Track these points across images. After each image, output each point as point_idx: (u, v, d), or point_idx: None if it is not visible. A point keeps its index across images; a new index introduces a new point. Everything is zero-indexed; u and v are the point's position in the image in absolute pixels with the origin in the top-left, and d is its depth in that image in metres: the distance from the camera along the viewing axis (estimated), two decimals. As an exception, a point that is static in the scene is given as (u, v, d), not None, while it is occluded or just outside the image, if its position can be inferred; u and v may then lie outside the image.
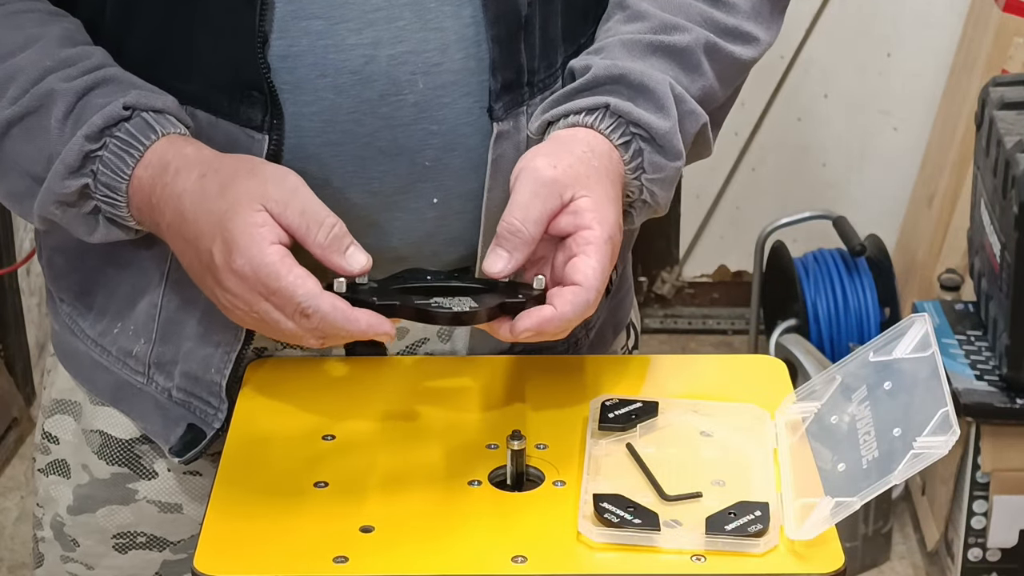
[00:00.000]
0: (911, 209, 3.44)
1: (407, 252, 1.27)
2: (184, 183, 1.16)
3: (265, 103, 1.20)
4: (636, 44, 1.27)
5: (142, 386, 1.32)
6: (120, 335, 1.32)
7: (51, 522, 1.40)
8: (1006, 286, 2.55)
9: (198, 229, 1.15)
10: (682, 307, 3.70)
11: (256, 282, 1.12)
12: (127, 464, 1.36)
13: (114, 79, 1.20)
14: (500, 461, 1.18)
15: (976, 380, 2.62)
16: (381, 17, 1.20)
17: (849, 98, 3.48)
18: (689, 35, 1.28)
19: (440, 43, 1.22)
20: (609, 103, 1.23)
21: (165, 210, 1.17)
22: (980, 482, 2.65)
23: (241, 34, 1.19)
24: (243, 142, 1.21)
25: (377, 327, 1.13)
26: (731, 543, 1.08)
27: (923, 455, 1.07)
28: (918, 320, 1.17)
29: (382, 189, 1.24)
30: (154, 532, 1.38)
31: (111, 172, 1.18)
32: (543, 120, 1.26)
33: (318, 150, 1.22)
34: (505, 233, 1.16)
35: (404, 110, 1.22)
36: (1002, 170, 2.54)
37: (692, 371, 1.34)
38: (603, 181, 1.20)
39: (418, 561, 1.09)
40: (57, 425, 1.39)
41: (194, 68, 1.21)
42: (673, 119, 1.24)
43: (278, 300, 1.12)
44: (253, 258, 1.12)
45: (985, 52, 3.12)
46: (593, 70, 1.25)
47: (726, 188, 3.58)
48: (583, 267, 1.16)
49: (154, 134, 1.18)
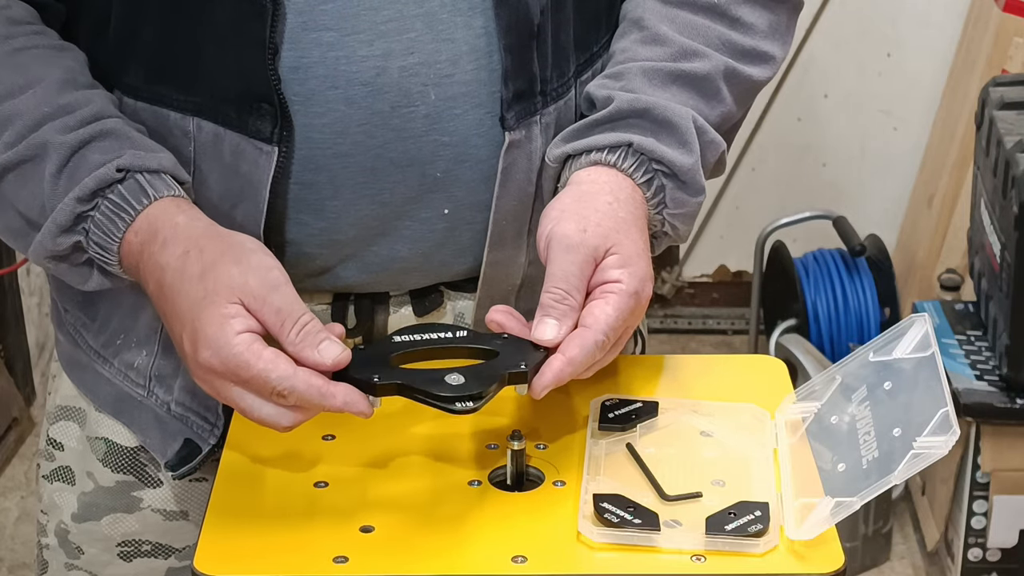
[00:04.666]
0: (911, 209, 3.44)
1: (416, 262, 1.27)
2: (168, 257, 1.15)
3: (275, 115, 1.19)
4: (657, 73, 1.26)
5: (142, 399, 1.32)
6: (123, 347, 1.31)
7: (55, 529, 1.39)
8: (1006, 286, 2.55)
9: (173, 308, 1.14)
10: (682, 307, 3.70)
11: (226, 372, 1.10)
12: (132, 472, 1.35)
13: (111, 133, 1.19)
14: (500, 461, 1.18)
15: (976, 380, 2.62)
16: (392, 28, 1.20)
17: (849, 98, 3.48)
18: (709, 62, 1.27)
19: (452, 54, 1.21)
20: (632, 141, 1.23)
21: (148, 279, 1.16)
22: (980, 482, 2.65)
23: (251, 45, 1.18)
24: (250, 154, 1.20)
25: (353, 405, 1.10)
26: (731, 543, 1.08)
27: (923, 455, 1.07)
28: (918, 320, 1.17)
29: (392, 200, 1.24)
30: (159, 540, 1.37)
31: (102, 233, 1.17)
32: (562, 151, 1.25)
33: (328, 162, 1.21)
34: (552, 303, 1.16)
35: (415, 122, 1.21)
36: (1002, 170, 2.54)
37: (692, 371, 1.34)
38: (631, 232, 1.20)
39: (418, 561, 1.09)
40: (62, 432, 1.38)
41: (201, 79, 1.21)
42: (696, 155, 1.24)
43: (253, 387, 1.10)
44: (220, 350, 1.10)
45: (985, 52, 3.12)
46: (616, 102, 1.24)
47: (726, 188, 3.58)
48: (596, 311, 1.16)
49: (146, 198, 1.17)
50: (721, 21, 1.30)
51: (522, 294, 1.32)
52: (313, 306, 1.29)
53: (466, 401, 1.10)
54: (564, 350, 1.14)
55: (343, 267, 1.27)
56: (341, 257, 1.26)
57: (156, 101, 1.23)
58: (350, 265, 1.27)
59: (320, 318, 1.27)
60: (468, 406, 1.10)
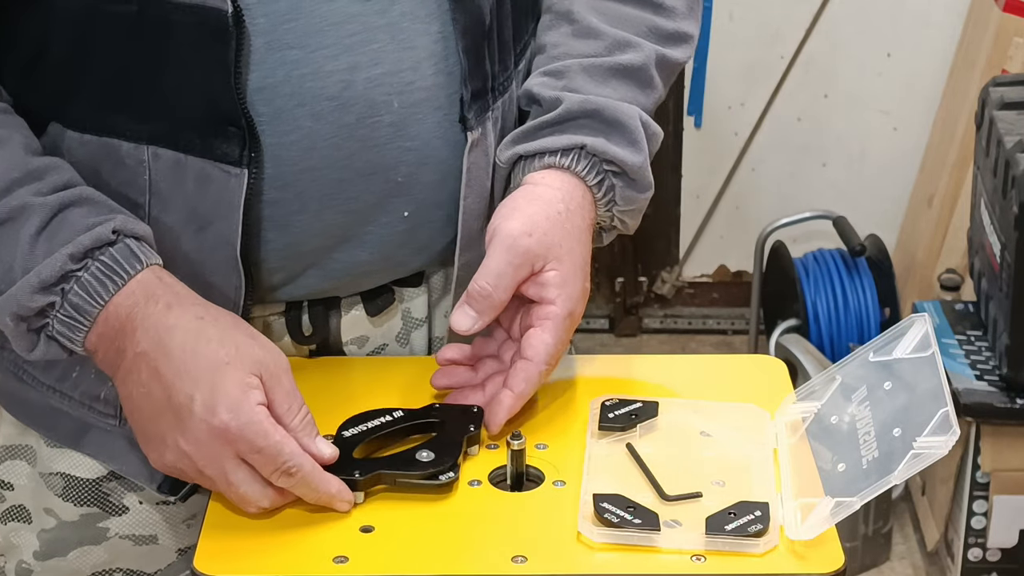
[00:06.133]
0: (911, 209, 3.44)
1: (376, 265, 1.28)
2: (176, 319, 1.13)
3: (243, 137, 1.18)
4: (596, 69, 1.29)
5: (112, 428, 1.28)
6: (81, 379, 1.27)
7: (16, 570, 1.35)
8: (1006, 286, 2.55)
9: (181, 368, 1.12)
10: (682, 307, 3.70)
11: (238, 439, 1.10)
12: (96, 503, 1.32)
13: (90, 199, 1.17)
14: (500, 461, 1.18)
15: (976, 380, 2.62)
16: (357, 41, 1.19)
17: (849, 98, 3.48)
18: (642, 52, 1.31)
19: (413, 61, 1.22)
20: (585, 144, 1.26)
21: (142, 339, 1.13)
22: (980, 482, 2.65)
23: (214, 69, 1.16)
24: (217, 178, 1.19)
25: (343, 493, 1.13)
26: (731, 543, 1.08)
27: (923, 455, 1.07)
28: (918, 320, 1.17)
29: (357, 208, 1.24)
30: (130, 567, 1.34)
31: (86, 296, 1.14)
32: (514, 153, 1.27)
33: (296, 178, 1.21)
34: (476, 295, 1.20)
35: (380, 130, 1.22)
36: (1002, 170, 2.54)
37: (692, 371, 1.34)
38: (575, 249, 1.24)
39: (418, 561, 1.09)
40: (10, 471, 1.34)
41: (158, 105, 1.18)
42: (644, 152, 1.29)
43: (260, 458, 1.10)
44: (241, 415, 1.10)
45: (985, 52, 3.12)
46: (566, 104, 1.27)
47: (726, 188, 3.58)
48: (536, 342, 1.21)
49: (139, 263, 1.15)
50: (645, 7, 1.33)
51: None
52: (266, 316, 1.29)
53: (447, 473, 1.15)
54: (512, 386, 1.20)
55: (304, 277, 1.27)
56: (303, 268, 1.26)
57: (106, 132, 1.20)
58: (311, 274, 1.27)
59: (274, 327, 1.28)
60: (451, 477, 1.15)
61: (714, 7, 3.41)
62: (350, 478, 1.14)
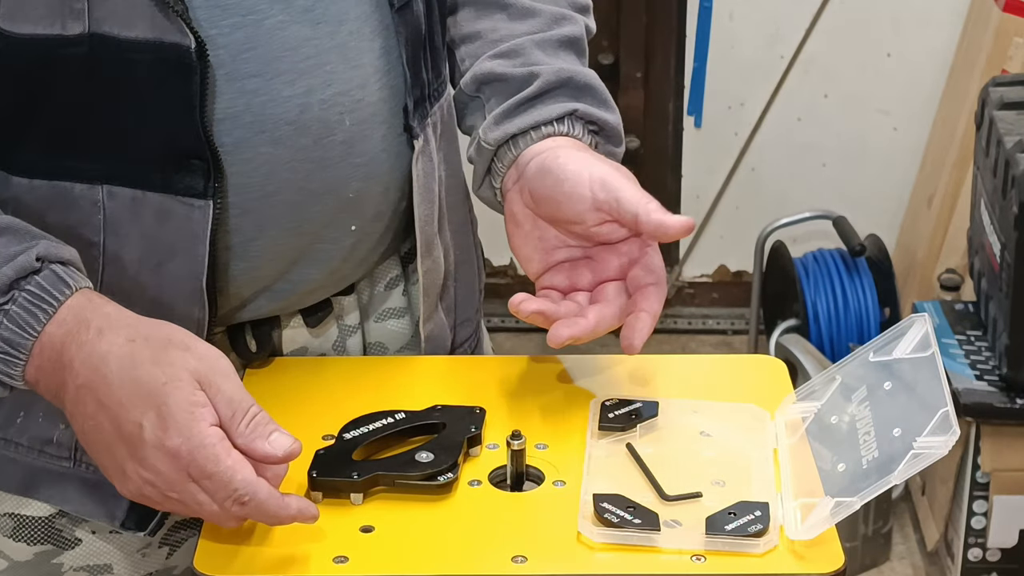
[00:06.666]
0: (911, 209, 3.44)
1: (322, 281, 1.28)
2: (109, 345, 1.09)
3: (207, 169, 1.17)
4: (547, 43, 1.34)
5: (65, 470, 1.25)
6: (28, 425, 1.24)
7: None
8: (1006, 286, 2.55)
9: (123, 397, 1.08)
10: (682, 307, 3.70)
11: (190, 463, 1.06)
12: (49, 541, 1.29)
13: (10, 227, 1.13)
14: (500, 461, 1.18)
15: (976, 380, 2.62)
16: (311, 65, 1.20)
17: (849, 98, 3.48)
18: (577, 24, 1.36)
19: (361, 79, 1.23)
20: (577, 109, 1.30)
21: (80, 370, 1.09)
22: (980, 482, 2.65)
23: (175, 105, 1.15)
24: (179, 213, 1.17)
25: (305, 511, 1.08)
26: (731, 543, 1.08)
27: (923, 455, 1.07)
28: (918, 320, 1.17)
29: (310, 229, 1.24)
30: None
31: (17, 328, 1.10)
32: (504, 132, 1.28)
33: (255, 204, 1.20)
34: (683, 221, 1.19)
35: (333, 149, 1.22)
36: (1002, 170, 2.54)
37: (692, 371, 1.34)
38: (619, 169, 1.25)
39: (418, 561, 1.09)
40: None
41: (113, 145, 1.16)
42: (616, 111, 1.33)
43: (211, 484, 1.06)
44: (192, 438, 1.06)
45: (985, 52, 3.12)
46: (543, 76, 1.30)
47: (726, 188, 3.58)
48: (655, 266, 1.23)
49: (67, 288, 1.11)
50: None
51: (444, 292, 1.36)
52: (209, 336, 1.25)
53: (446, 473, 1.15)
54: (648, 307, 1.21)
55: (254, 300, 1.26)
56: (255, 291, 1.26)
57: (58, 175, 1.17)
58: (262, 297, 1.26)
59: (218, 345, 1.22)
60: (450, 477, 1.15)
61: (714, 7, 3.41)
62: (348, 479, 1.14)
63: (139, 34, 1.13)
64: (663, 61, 3.47)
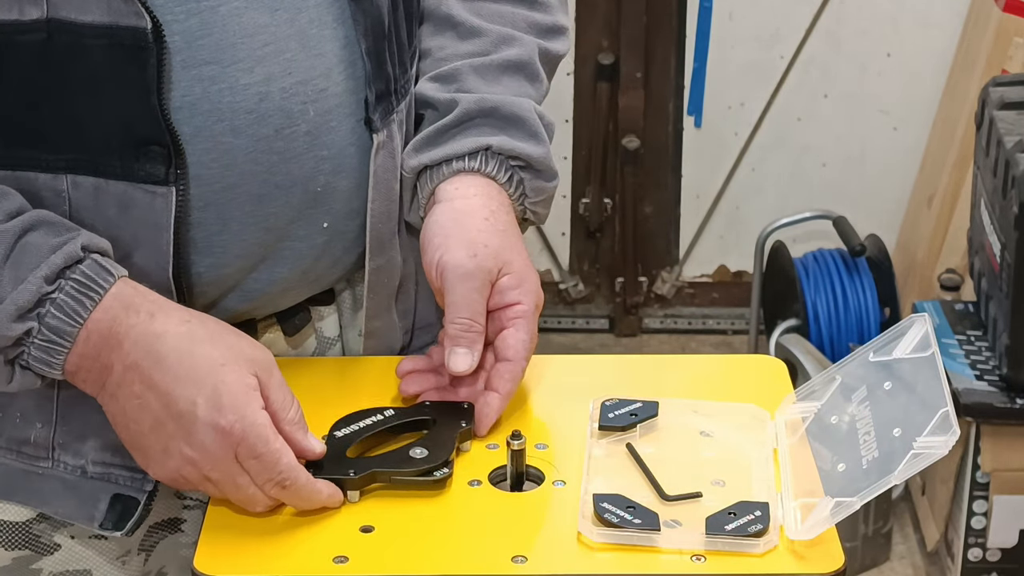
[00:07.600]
0: (911, 209, 3.44)
1: (294, 281, 1.27)
2: (163, 325, 1.12)
3: (168, 155, 1.16)
4: (487, 68, 1.32)
5: (44, 471, 1.24)
6: (4, 425, 1.24)
7: None
8: (1006, 286, 2.55)
9: (181, 373, 1.11)
10: (682, 307, 3.70)
11: (241, 441, 1.10)
12: (27, 546, 1.28)
13: (47, 220, 1.14)
14: (500, 461, 1.18)
15: (976, 380, 2.62)
16: (270, 52, 1.19)
17: (849, 98, 3.48)
18: (526, 47, 1.34)
19: (324, 68, 1.22)
20: (490, 144, 1.28)
21: (131, 351, 1.12)
22: (980, 482, 2.65)
23: (132, 91, 1.14)
24: (141, 200, 1.17)
25: (334, 497, 1.13)
26: (731, 543, 1.08)
27: (923, 455, 1.07)
28: (918, 320, 1.17)
29: (277, 224, 1.23)
30: None
31: (64, 316, 1.12)
32: (419, 163, 1.28)
33: (217, 196, 1.20)
34: (460, 333, 1.21)
35: (297, 140, 1.21)
36: (1002, 170, 2.54)
37: (692, 371, 1.34)
38: (515, 244, 1.26)
39: (418, 561, 1.09)
40: None
41: (73, 134, 1.15)
42: (545, 143, 1.31)
43: (256, 465, 1.10)
44: (246, 417, 1.10)
45: (985, 52, 3.12)
46: (462, 105, 1.29)
47: (726, 188, 3.58)
48: (513, 342, 1.23)
49: (111, 276, 1.13)
50: (521, 4, 1.36)
51: (400, 294, 1.35)
52: None
53: (442, 469, 1.15)
54: (498, 387, 1.22)
55: (224, 300, 1.25)
56: (224, 290, 1.24)
57: (21, 166, 1.17)
58: (231, 296, 1.25)
59: None
60: (446, 472, 1.15)
61: (714, 7, 3.41)
62: (345, 477, 1.14)
63: (95, 18, 1.12)
64: (663, 61, 3.47)
